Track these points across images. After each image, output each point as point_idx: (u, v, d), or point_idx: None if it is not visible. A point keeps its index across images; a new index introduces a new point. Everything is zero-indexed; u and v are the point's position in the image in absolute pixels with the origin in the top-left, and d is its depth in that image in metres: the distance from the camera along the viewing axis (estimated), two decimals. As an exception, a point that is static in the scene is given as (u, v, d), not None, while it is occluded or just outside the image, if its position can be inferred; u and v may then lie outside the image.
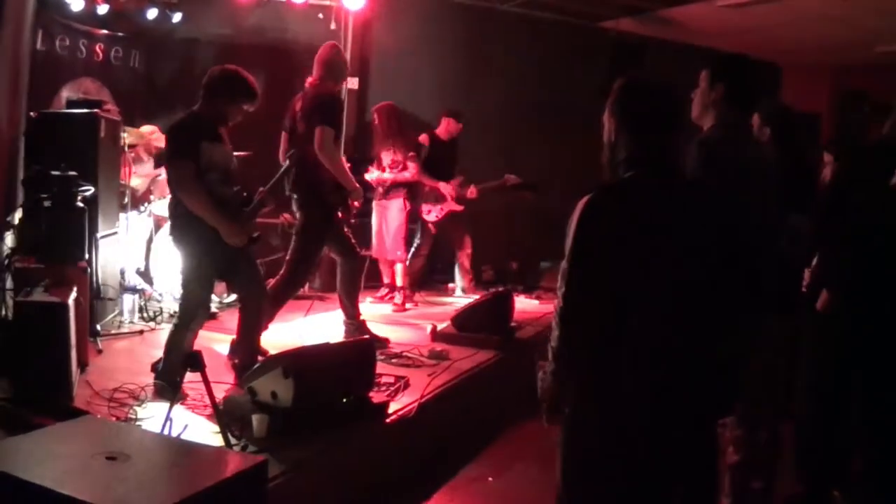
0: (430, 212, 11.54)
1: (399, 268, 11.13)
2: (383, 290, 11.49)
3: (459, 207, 11.62)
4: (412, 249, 11.67)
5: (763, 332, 4.85)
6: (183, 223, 6.66)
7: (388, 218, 10.93)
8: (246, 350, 7.10)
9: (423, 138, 11.54)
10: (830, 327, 5.92)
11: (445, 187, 11.51)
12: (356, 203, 8.69)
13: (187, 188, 6.51)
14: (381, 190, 11.00)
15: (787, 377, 5.77)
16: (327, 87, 8.42)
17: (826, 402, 6.03)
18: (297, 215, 8.52)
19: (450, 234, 11.91)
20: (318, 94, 8.31)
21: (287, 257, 8.61)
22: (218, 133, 6.81)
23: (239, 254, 6.78)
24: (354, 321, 8.82)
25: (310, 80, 8.47)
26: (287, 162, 7.78)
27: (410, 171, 10.85)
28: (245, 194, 6.90)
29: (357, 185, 8.46)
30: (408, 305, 11.20)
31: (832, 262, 5.99)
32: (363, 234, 10.74)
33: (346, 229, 8.65)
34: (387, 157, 10.88)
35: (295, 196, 8.42)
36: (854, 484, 6.03)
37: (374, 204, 11.07)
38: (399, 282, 11.15)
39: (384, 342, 8.65)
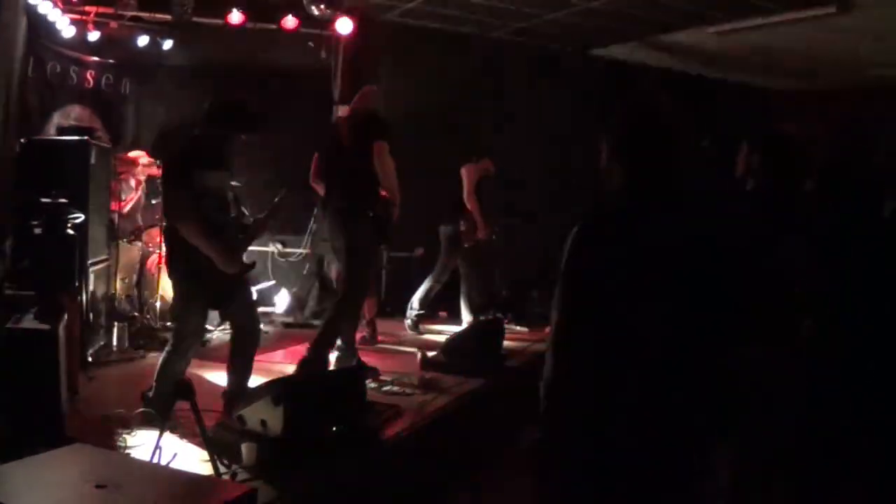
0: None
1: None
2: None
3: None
4: (436, 276, 11.65)
5: (760, 356, 4.86)
6: (177, 251, 6.66)
7: None
8: (237, 379, 7.07)
9: (471, 168, 11.60)
10: (819, 353, 5.94)
11: (482, 227, 11.50)
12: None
13: (183, 217, 6.51)
14: None
15: (785, 399, 5.77)
16: (370, 110, 8.70)
17: (822, 421, 6.03)
18: (344, 231, 8.51)
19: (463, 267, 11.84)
20: (364, 113, 8.62)
21: (342, 277, 8.69)
22: (217, 159, 6.79)
23: (234, 282, 6.75)
24: (349, 350, 8.77)
25: (355, 105, 8.87)
26: (283, 191, 7.80)
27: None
28: (242, 220, 6.93)
29: (399, 196, 8.55)
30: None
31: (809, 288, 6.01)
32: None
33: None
34: None
35: (342, 210, 8.49)
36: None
37: None
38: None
39: (374, 371, 8.63)
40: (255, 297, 7.37)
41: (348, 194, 8.42)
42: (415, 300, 11.75)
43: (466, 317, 11.78)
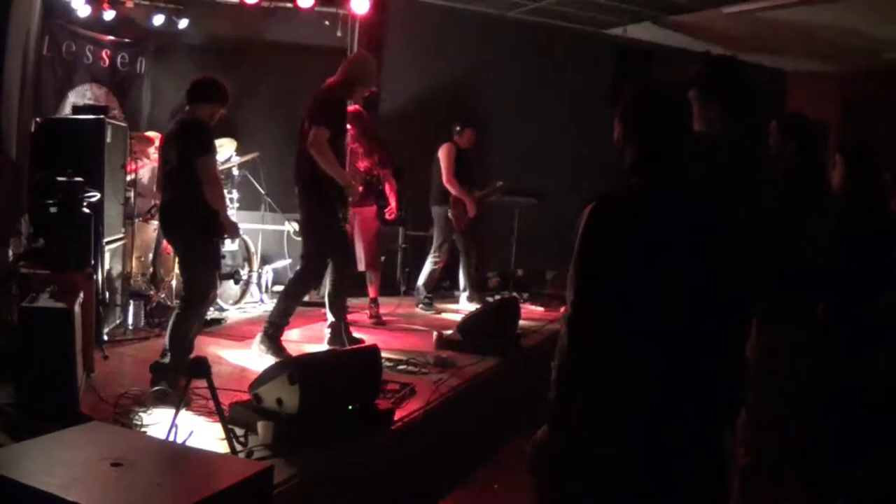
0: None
1: (370, 278, 10.85)
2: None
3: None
4: (435, 257, 11.67)
5: (777, 338, 4.86)
6: (193, 212, 6.90)
7: (360, 227, 10.66)
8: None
9: (447, 148, 11.54)
10: (832, 337, 5.94)
11: (471, 204, 11.50)
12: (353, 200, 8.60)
13: (214, 181, 6.98)
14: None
15: (800, 383, 5.76)
16: (336, 89, 8.50)
17: (832, 411, 6.03)
18: (300, 209, 8.57)
19: (458, 243, 11.86)
20: (321, 95, 8.45)
21: (301, 254, 8.67)
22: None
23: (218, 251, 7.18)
24: (339, 322, 8.77)
25: (329, 80, 8.58)
26: None
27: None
28: None
29: (350, 180, 8.52)
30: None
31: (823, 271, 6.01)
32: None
33: (346, 234, 8.71)
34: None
35: (297, 190, 8.50)
36: (858, 492, 6.04)
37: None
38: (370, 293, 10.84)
39: (359, 342, 8.65)
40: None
41: (299, 174, 8.45)
42: (420, 285, 11.82)
43: (465, 293, 11.82)
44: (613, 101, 3.84)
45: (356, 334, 8.91)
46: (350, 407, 6.14)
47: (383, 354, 6.99)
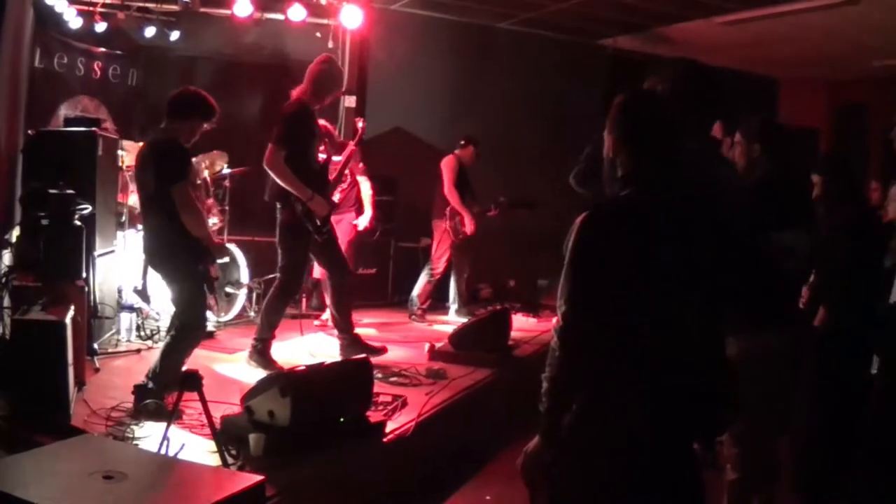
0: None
1: None
2: (327, 314, 10.03)
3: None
4: (431, 269, 11.69)
5: (761, 348, 4.87)
6: (177, 240, 6.74)
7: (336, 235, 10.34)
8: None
9: (450, 160, 11.55)
10: (829, 343, 5.96)
11: (469, 218, 11.49)
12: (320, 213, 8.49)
13: (192, 209, 6.67)
14: None
15: (786, 394, 5.76)
16: (299, 102, 8.49)
17: (826, 418, 6.05)
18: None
19: (453, 258, 11.85)
20: (281, 111, 8.45)
21: (278, 267, 8.66)
22: (190, 150, 7.06)
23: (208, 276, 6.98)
24: (348, 336, 8.83)
25: (294, 91, 8.57)
26: None
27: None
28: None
29: (310, 193, 8.33)
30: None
31: (828, 278, 6.04)
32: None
33: (336, 243, 8.72)
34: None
35: (271, 205, 8.56)
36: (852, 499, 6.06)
37: None
38: None
39: (381, 350, 8.68)
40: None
41: (270, 190, 8.50)
42: (414, 296, 11.83)
43: (454, 305, 11.83)
44: (605, 111, 3.85)
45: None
46: (342, 419, 6.15)
47: (375, 366, 7.00)
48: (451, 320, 11.55)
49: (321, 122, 9.09)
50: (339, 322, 8.85)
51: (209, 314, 8.74)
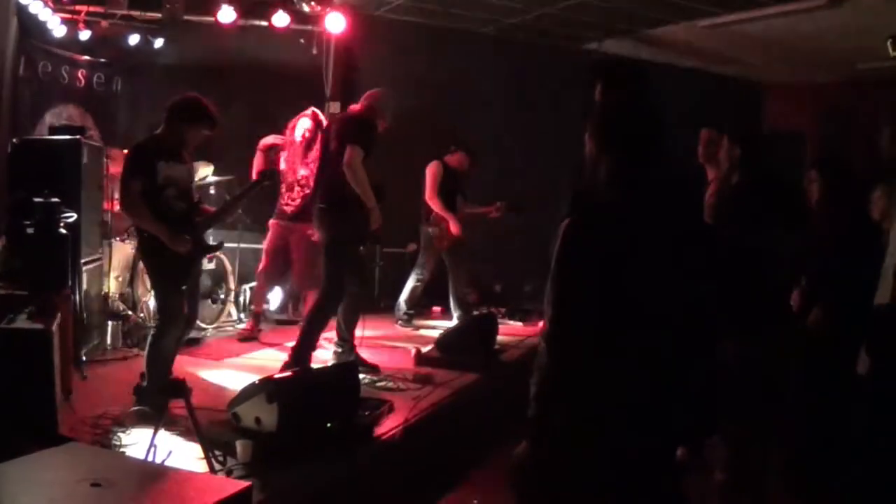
0: None
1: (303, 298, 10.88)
2: None
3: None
4: (418, 274, 11.69)
5: (748, 349, 4.89)
6: (143, 238, 6.98)
7: (302, 244, 10.59)
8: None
9: (433, 166, 11.56)
10: (821, 343, 6.00)
11: (454, 223, 11.47)
12: (375, 226, 8.59)
13: (129, 205, 6.90)
14: (289, 211, 10.76)
15: (775, 395, 5.79)
16: (368, 109, 8.73)
17: (816, 418, 6.07)
18: (322, 229, 8.59)
19: (447, 263, 11.86)
20: (354, 116, 8.70)
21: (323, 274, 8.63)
22: (178, 154, 7.08)
23: (188, 264, 7.07)
24: (347, 345, 8.79)
25: (353, 107, 8.89)
26: (257, 178, 8.03)
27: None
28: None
29: (374, 202, 8.47)
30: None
31: (824, 278, 6.08)
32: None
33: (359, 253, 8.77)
34: (301, 171, 10.82)
35: (321, 210, 8.56)
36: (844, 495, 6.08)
37: (279, 226, 10.79)
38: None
39: (375, 368, 8.65)
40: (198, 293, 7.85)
41: (327, 195, 8.52)
42: (402, 301, 11.82)
43: (456, 312, 11.77)
44: (588, 115, 3.87)
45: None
46: (329, 424, 6.15)
47: (362, 371, 7.00)
48: (440, 325, 11.54)
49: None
50: (341, 331, 8.84)
51: (197, 321, 8.75)
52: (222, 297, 10.76)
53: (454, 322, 11.61)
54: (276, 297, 12.00)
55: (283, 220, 10.69)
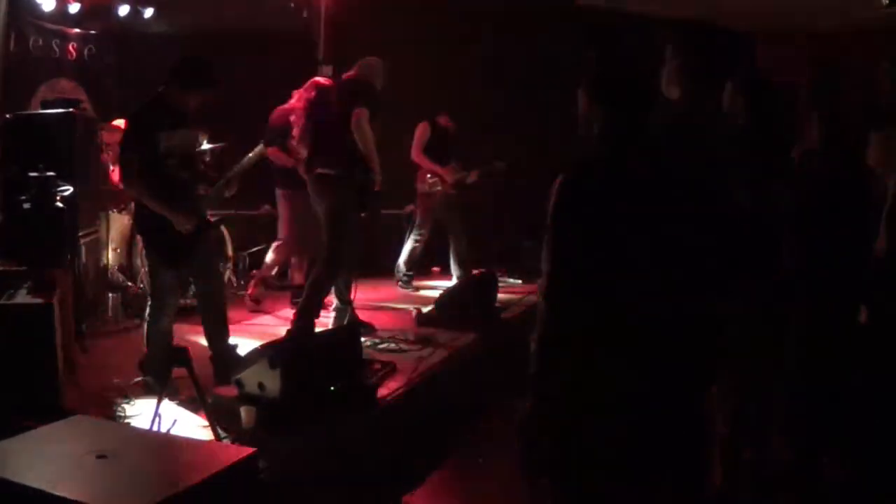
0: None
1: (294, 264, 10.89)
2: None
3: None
4: (416, 235, 11.69)
5: (746, 302, 4.88)
6: (140, 209, 6.97)
7: (290, 207, 10.33)
8: (216, 344, 7.11)
9: (421, 125, 11.61)
10: (819, 293, 6.00)
11: (444, 172, 11.51)
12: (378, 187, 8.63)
13: (128, 180, 6.81)
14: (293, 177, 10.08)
15: (774, 347, 5.78)
16: (363, 78, 8.82)
17: (817, 370, 6.07)
18: (323, 196, 8.53)
19: (445, 222, 11.88)
20: (354, 81, 8.79)
21: (324, 240, 8.56)
22: (179, 118, 6.91)
23: (190, 241, 6.86)
24: (349, 306, 8.83)
25: (345, 74, 8.94)
26: (260, 146, 8.01)
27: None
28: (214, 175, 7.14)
29: (378, 167, 8.52)
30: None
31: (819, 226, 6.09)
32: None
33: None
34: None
35: (323, 177, 8.50)
36: (843, 450, 6.08)
37: (285, 194, 10.41)
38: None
39: (370, 327, 8.66)
40: (216, 262, 7.87)
41: (331, 160, 8.46)
42: (401, 263, 11.81)
43: (456, 272, 11.76)
44: (580, 70, 3.85)
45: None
46: (332, 388, 6.17)
47: (363, 333, 7.01)
48: (439, 285, 11.55)
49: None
50: (340, 291, 8.87)
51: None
52: (221, 265, 10.74)
53: (454, 282, 11.61)
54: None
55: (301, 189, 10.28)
